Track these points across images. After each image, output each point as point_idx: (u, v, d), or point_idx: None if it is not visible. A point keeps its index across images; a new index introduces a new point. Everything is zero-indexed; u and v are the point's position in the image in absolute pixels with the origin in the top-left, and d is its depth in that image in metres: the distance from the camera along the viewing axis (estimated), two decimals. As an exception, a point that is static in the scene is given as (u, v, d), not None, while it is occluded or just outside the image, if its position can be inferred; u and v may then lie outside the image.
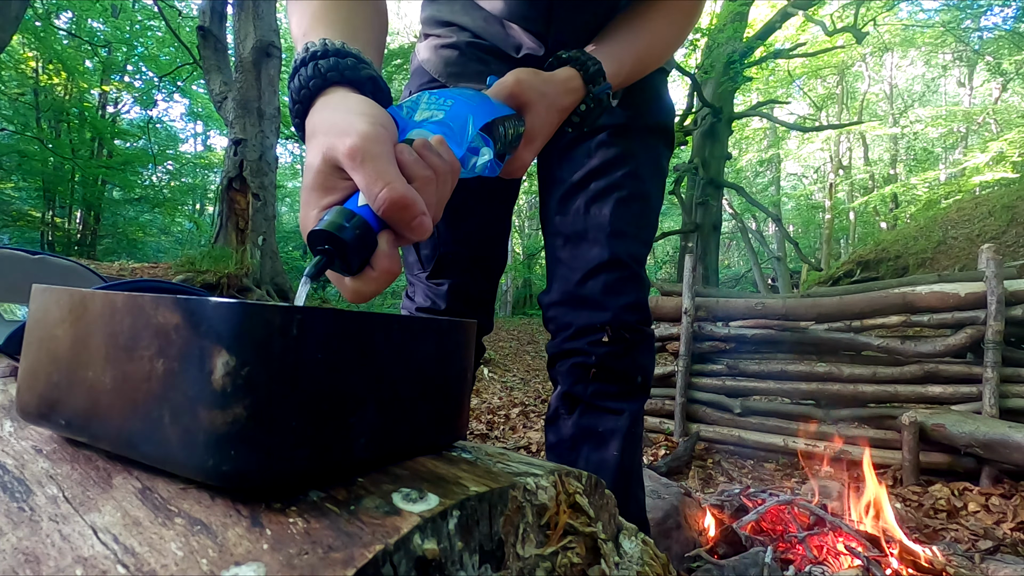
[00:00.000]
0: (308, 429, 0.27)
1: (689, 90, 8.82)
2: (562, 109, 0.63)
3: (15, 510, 0.27)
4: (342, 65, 0.46)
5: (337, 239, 0.38)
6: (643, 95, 0.86)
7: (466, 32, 0.84)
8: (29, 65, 11.35)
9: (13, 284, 0.91)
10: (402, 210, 0.39)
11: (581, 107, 0.64)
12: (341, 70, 0.46)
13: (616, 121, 0.84)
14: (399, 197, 0.39)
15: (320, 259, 0.40)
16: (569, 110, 0.64)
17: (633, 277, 0.83)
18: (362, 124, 0.41)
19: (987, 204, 7.78)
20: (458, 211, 0.88)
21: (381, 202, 0.39)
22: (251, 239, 5.86)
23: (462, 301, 0.91)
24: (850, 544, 1.39)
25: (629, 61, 0.71)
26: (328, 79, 0.46)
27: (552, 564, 0.30)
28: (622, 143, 0.84)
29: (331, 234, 0.38)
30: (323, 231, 0.39)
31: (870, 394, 2.62)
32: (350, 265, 0.40)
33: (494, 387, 5.04)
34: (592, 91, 0.64)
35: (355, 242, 0.39)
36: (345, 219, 0.39)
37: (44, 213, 12.60)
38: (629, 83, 0.75)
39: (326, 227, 0.39)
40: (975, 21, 12.04)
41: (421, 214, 0.40)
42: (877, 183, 16.46)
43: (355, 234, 0.39)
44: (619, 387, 0.83)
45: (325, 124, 0.43)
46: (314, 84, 0.46)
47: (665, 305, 3.21)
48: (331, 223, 0.39)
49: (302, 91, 0.47)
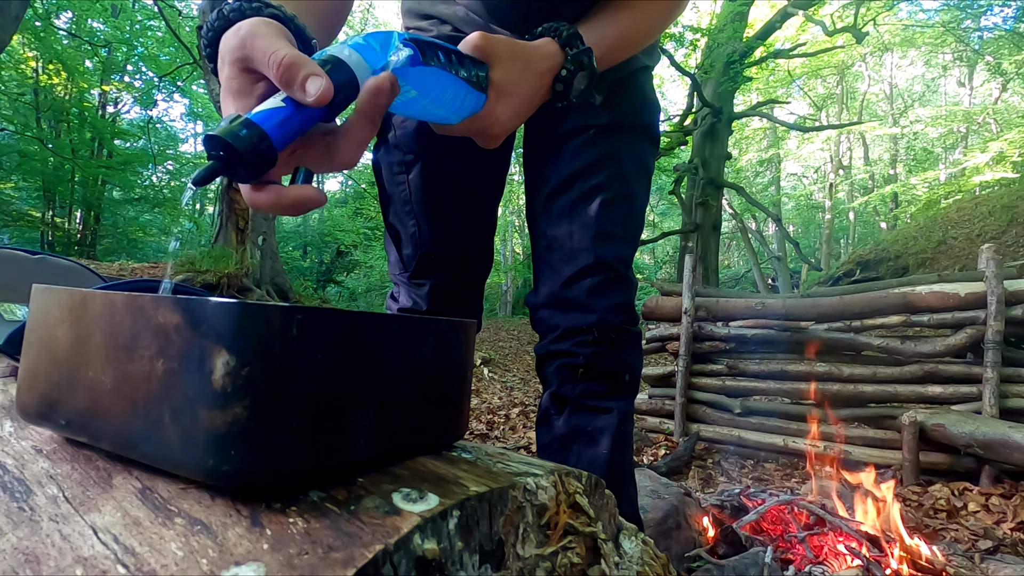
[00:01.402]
0: (308, 429, 0.27)
1: (689, 90, 8.83)
2: (540, 72, 0.61)
3: (15, 510, 0.27)
4: (245, 8, 0.49)
5: (230, 147, 0.37)
6: (627, 94, 0.85)
7: (447, 25, 0.84)
8: (29, 65, 11.35)
9: (13, 284, 0.91)
10: (293, 67, 0.40)
11: (562, 72, 0.62)
12: (243, 11, 0.49)
13: (600, 121, 0.84)
14: (290, 56, 0.40)
15: (213, 164, 0.38)
16: (549, 74, 0.62)
17: (619, 279, 0.82)
18: (253, 21, 0.45)
19: (987, 204, 7.78)
20: (440, 211, 0.88)
21: (274, 65, 0.40)
22: (251, 239, 5.86)
23: (444, 302, 0.91)
24: (850, 544, 1.39)
25: (610, 35, 0.70)
26: (230, 19, 0.48)
27: (552, 564, 0.30)
28: (606, 143, 0.83)
29: (225, 140, 0.37)
30: (216, 136, 0.37)
31: (870, 394, 2.62)
32: (245, 174, 0.39)
33: (494, 387, 5.04)
34: (569, 54, 0.63)
35: (249, 153, 0.38)
36: (243, 127, 0.38)
37: (44, 213, 12.60)
38: (612, 61, 0.73)
39: (220, 133, 0.37)
40: (975, 21, 12.04)
41: (312, 73, 0.40)
42: (877, 183, 16.47)
43: (251, 145, 0.38)
44: (607, 386, 0.83)
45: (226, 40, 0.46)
46: (218, 24, 0.49)
47: (665, 305, 3.21)
48: (225, 129, 0.37)
49: (208, 33, 0.49)
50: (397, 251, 0.93)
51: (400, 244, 0.92)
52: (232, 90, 0.44)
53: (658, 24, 0.76)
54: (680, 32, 8.59)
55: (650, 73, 0.92)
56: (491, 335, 9.04)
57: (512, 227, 16.91)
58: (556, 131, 0.86)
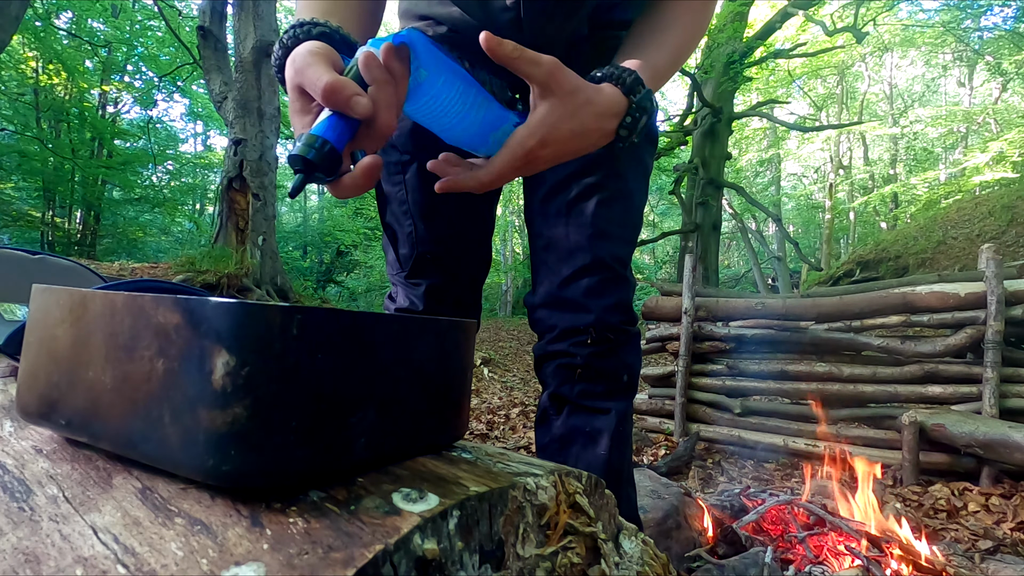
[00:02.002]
0: (308, 429, 0.27)
1: (689, 90, 8.83)
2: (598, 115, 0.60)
3: (15, 510, 0.27)
4: (313, 31, 0.57)
5: (306, 160, 0.47)
6: None
7: (442, 26, 0.84)
8: (29, 65, 11.35)
9: (13, 284, 0.91)
10: (334, 93, 0.47)
11: (627, 119, 0.62)
12: (297, 36, 0.56)
13: None
14: (328, 83, 0.47)
15: (299, 176, 0.48)
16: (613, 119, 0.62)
17: (616, 278, 0.82)
18: (305, 48, 0.53)
19: (987, 204, 7.78)
20: (437, 210, 0.88)
21: (319, 93, 0.48)
22: (251, 239, 5.86)
23: (441, 302, 0.91)
24: (850, 544, 1.39)
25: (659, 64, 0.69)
26: (299, 39, 0.56)
27: (552, 564, 0.30)
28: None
29: (302, 156, 0.47)
30: (296, 155, 0.47)
31: (870, 394, 2.62)
32: (324, 175, 0.49)
33: (494, 387, 5.04)
34: (634, 101, 0.62)
35: (321, 159, 0.47)
36: (311, 140, 0.47)
37: (44, 213, 12.59)
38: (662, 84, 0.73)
39: (298, 152, 0.47)
40: (975, 21, 12.03)
41: (353, 94, 0.47)
42: (877, 183, 16.46)
43: (319, 152, 0.47)
44: (605, 386, 0.83)
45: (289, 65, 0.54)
46: (290, 43, 0.56)
47: (665, 305, 3.21)
48: (301, 148, 0.47)
49: (280, 50, 0.57)
50: (394, 251, 0.93)
51: (397, 244, 0.92)
52: (296, 110, 0.53)
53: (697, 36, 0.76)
54: (680, 32, 8.56)
55: None
56: (491, 335, 9.04)
57: (512, 227, 16.91)
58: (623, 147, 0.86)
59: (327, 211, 18.04)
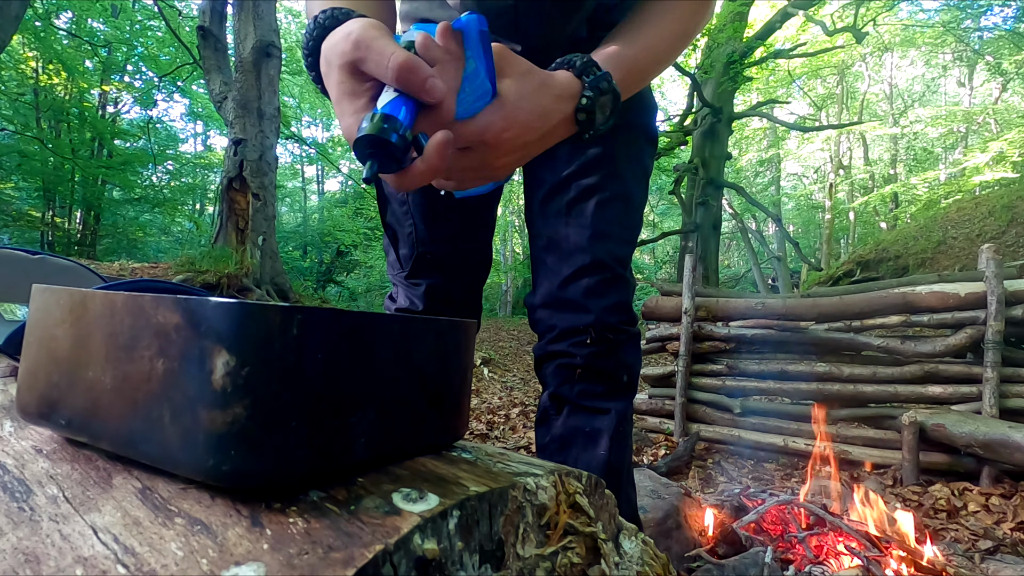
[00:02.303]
0: (308, 429, 0.27)
1: (689, 90, 8.83)
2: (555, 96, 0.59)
3: (15, 510, 0.27)
4: (338, 13, 0.53)
5: (381, 140, 0.41)
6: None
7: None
8: (29, 65, 11.35)
9: (13, 284, 0.91)
10: (410, 72, 0.42)
11: (583, 100, 0.61)
12: (338, 17, 0.52)
13: None
14: (404, 61, 0.42)
15: (371, 163, 0.42)
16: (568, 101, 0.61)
17: (616, 279, 0.82)
18: (359, 24, 0.47)
19: (987, 204, 7.78)
20: (437, 211, 0.88)
21: (392, 70, 0.43)
22: (251, 239, 5.86)
23: (441, 302, 0.91)
24: (850, 544, 1.39)
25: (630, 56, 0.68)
26: (327, 27, 0.52)
27: (552, 564, 0.30)
28: (602, 143, 0.82)
29: (375, 136, 0.41)
30: (366, 135, 0.41)
31: (870, 394, 2.62)
32: (395, 162, 0.43)
33: (494, 387, 5.04)
34: (587, 81, 0.61)
35: (397, 141, 0.41)
36: (383, 121, 0.41)
37: (44, 213, 12.60)
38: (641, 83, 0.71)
39: (369, 131, 0.41)
40: (975, 21, 12.04)
41: (429, 75, 0.43)
42: (877, 183, 16.46)
43: (396, 133, 0.41)
44: (605, 386, 0.83)
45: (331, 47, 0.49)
46: (317, 33, 0.52)
47: (665, 305, 3.21)
48: (373, 127, 0.41)
49: (309, 42, 0.53)
50: (395, 251, 0.93)
51: (397, 244, 0.92)
52: (347, 92, 0.47)
53: (685, 36, 0.74)
54: (680, 32, 8.56)
55: None
56: (491, 335, 9.04)
57: (512, 227, 16.91)
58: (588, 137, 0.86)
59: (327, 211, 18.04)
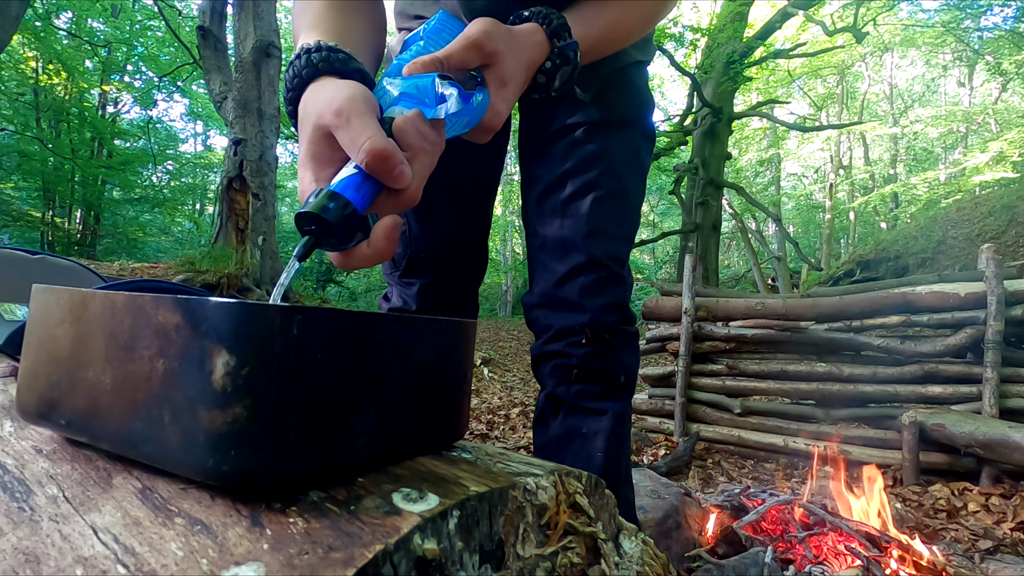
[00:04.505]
0: (308, 429, 0.27)
1: (689, 90, 8.83)
2: (529, 63, 0.59)
3: (15, 510, 0.27)
4: (333, 58, 0.50)
5: (322, 220, 0.40)
6: (619, 89, 0.84)
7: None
8: (29, 65, 11.35)
9: (13, 284, 0.91)
10: (383, 160, 0.41)
11: (546, 64, 0.60)
12: (331, 62, 0.50)
13: (592, 117, 0.82)
14: (380, 147, 0.41)
15: (308, 239, 0.41)
16: (535, 65, 0.60)
17: (612, 277, 0.82)
18: (347, 91, 0.45)
19: (987, 204, 7.78)
20: (431, 209, 0.86)
21: (364, 153, 0.41)
22: (251, 239, 5.86)
23: (434, 302, 0.90)
24: (850, 544, 1.39)
25: (597, 27, 0.67)
26: (319, 69, 0.50)
27: (552, 564, 0.30)
28: (598, 140, 0.82)
29: (316, 215, 0.40)
30: (309, 213, 0.40)
31: (870, 394, 2.62)
32: (337, 242, 0.42)
33: (494, 387, 5.04)
34: (556, 45, 0.60)
35: (340, 223, 0.40)
36: (329, 200, 0.40)
37: (44, 213, 12.59)
38: (598, 55, 0.70)
39: (312, 209, 0.40)
40: (975, 21, 12.03)
41: (400, 163, 0.42)
42: (877, 183, 16.47)
43: (339, 214, 0.40)
44: (602, 387, 0.82)
45: (314, 100, 0.47)
46: (307, 73, 0.50)
47: (665, 305, 3.20)
48: (316, 205, 0.40)
49: (295, 79, 0.50)
50: None
51: None
52: (314, 156, 0.46)
53: (649, 17, 0.73)
54: (680, 32, 8.60)
55: (644, 68, 0.90)
56: (491, 335, 9.04)
57: (512, 227, 16.91)
58: (548, 129, 0.85)
59: (327, 211, 17.97)
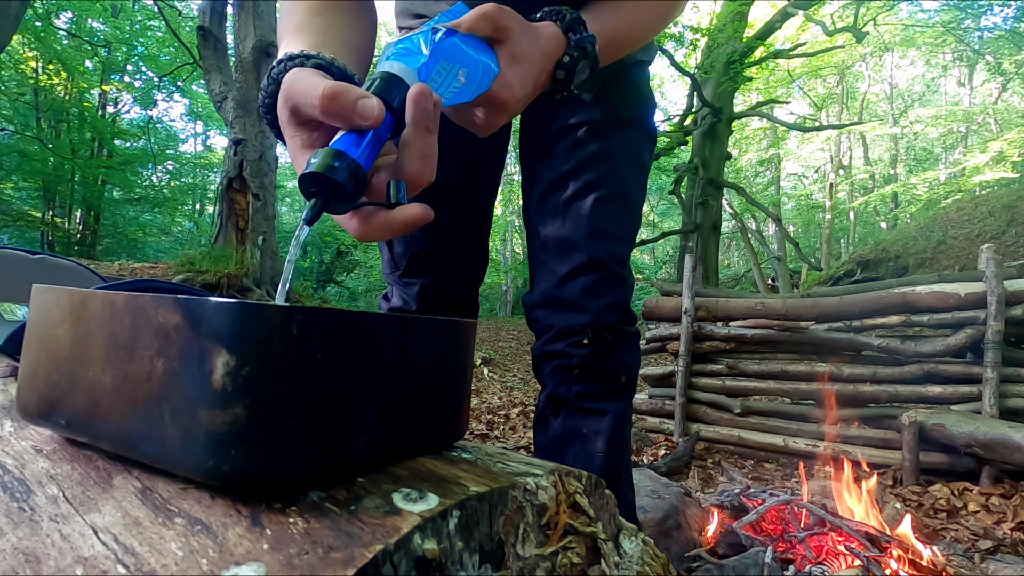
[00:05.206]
0: (308, 429, 0.27)
1: (689, 90, 8.83)
2: (544, 52, 0.58)
3: (15, 510, 0.27)
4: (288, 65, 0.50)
5: (326, 178, 0.39)
6: (620, 89, 0.83)
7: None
8: (29, 65, 11.35)
9: (13, 284, 0.91)
10: (334, 98, 0.40)
11: (565, 58, 0.59)
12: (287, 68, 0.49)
13: (593, 117, 0.82)
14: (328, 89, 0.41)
15: (315, 202, 0.40)
16: (552, 57, 0.58)
17: (614, 277, 0.81)
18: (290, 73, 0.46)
19: (987, 204, 7.78)
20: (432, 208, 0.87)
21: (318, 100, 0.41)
22: (251, 239, 5.86)
23: (435, 302, 0.90)
24: (850, 544, 1.39)
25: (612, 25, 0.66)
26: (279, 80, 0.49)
27: (552, 564, 0.30)
28: (600, 140, 0.82)
29: (322, 175, 0.39)
30: (312, 173, 0.39)
31: (870, 394, 2.62)
32: (347, 203, 0.41)
33: (494, 387, 5.05)
34: (572, 39, 0.59)
35: (345, 178, 0.39)
36: (332, 158, 0.39)
37: (44, 213, 12.59)
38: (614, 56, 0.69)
39: (315, 168, 0.39)
40: (975, 21, 12.04)
41: (360, 96, 0.41)
42: (877, 183, 16.47)
43: (342, 168, 0.39)
44: (602, 387, 0.82)
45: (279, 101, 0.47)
46: (272, 89, 0.50)
47: (665, 305, 3.20)
48: (318, 164, 0.39)
49: (271, 85, 0.50)
50: (389, 250, 0.92)
51: (391, 243, 0.91)
52: (298, 146, 0.45)
53: (664, 15, 0.73)
54: (680, 32, 8.59)
55: (645, 68, 0.90)
56: (491, 335, 9.04)
57: (512, 227, 16.91)
58: (549, 129, 0.85)
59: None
